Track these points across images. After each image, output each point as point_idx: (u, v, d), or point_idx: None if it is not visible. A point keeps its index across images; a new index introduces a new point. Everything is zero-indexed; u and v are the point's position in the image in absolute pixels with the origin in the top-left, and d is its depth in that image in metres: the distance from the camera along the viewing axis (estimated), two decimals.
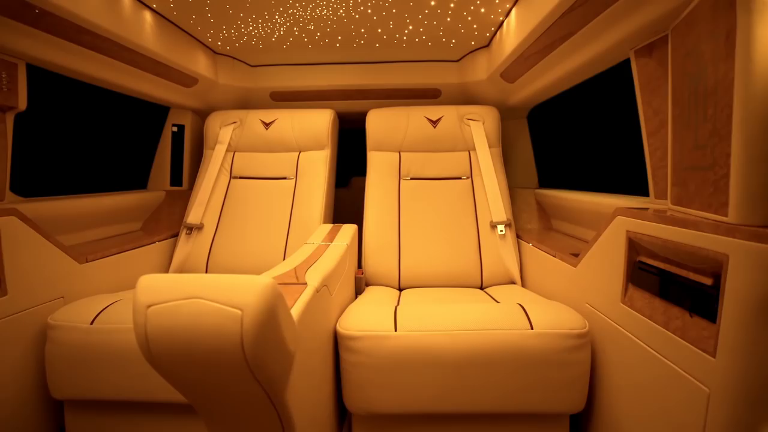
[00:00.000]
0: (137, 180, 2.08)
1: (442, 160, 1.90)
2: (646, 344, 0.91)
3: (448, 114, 1.94)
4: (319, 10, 1.52)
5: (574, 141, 2.12)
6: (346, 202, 2.68)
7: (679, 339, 0.80)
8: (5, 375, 1.10)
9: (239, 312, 0.52)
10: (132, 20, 1.37)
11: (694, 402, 0.76)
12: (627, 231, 1.00)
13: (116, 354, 1.11)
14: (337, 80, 2.06)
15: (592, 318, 1.12)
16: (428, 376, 1.06)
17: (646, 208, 1.04)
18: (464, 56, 1.99)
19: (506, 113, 2.09)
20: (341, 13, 1.54)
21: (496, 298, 1.46)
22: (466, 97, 2.12)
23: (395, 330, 1.07)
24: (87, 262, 1.36)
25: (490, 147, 1.88)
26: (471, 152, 1.91)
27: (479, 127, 1.90)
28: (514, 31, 1.46)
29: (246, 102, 2.18)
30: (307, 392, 0.83)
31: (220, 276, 0.55)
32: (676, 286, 0.85)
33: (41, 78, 1.38)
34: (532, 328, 1.07)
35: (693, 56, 0.85)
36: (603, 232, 1.11)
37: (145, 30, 1.44)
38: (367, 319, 1.11)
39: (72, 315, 1.16)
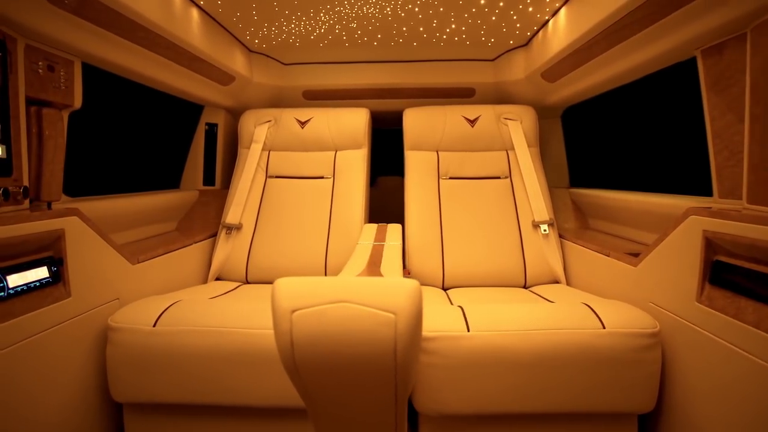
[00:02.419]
0: (170, 179, 2.06)
1: (480, 160, 1.90)
2: (730, 344, 0.91)
3: (486, 113, 1.93)
4: (366, 8, 1.51)
5: (605, 140, 2.13)
6: (373, 202, 2.67)
7: None
8: (68, 378, 1.08)
9: (393, 316, 0.51)
10: (181, 17, 1.35)
11: None
12: (704, 230, 1.00)
13: (179, 356, 1.10)
14: (370, 79, 2.05)
15: (659, 317, 1.12)
16: (500, 377, 1.06)
17: (709, 207, 1.04)
18: (500, 55, 1.99)
19: (540, 112, 2.09)
20: (387, 11, 1.53)
21: (548, 298, 1.46)
22: (500, 97, 2.11)
23: (468, 330, 1.07)
24: (139, 263, 1.34)
25: (528, 146, 1.88)
26: (509, 151, 1.90)
27: (517, 127, 1.90)
28: (563, 31, 1.46)
29: (278, 100, 2.16)
30: None
31: (365, 279, 0.54)
32: None
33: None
34: (604, 328, 1.07)
35: None
36: (671, 231, 1.11)
37: (192, 27, 1.42)
38: (437, 319, 1.10)
39: (132, 317, 1.14)
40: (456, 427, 1.13)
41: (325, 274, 1.74)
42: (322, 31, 1.71)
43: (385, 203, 2.59)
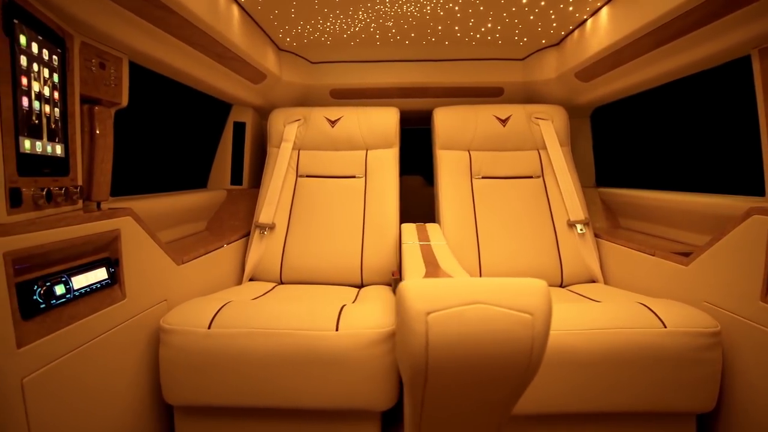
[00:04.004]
0: (197, 179, 2.03)
1: (512, 159, 1.89)
2: None
3: (516, 113, 1.93)
4: (406, 7, 1.50)
5: (631, 139, 2.14)
6: None
7: None
8: (123, 380, 1.06)
9: (530, 317, 0.51)
10: (224, 14, 1.33)
11: None
12: None
13: (235, 358, 1.08)
14: (399, 78, 2.04)
15: (717, 316, 1.12)
16: (561, 376, 1.06)
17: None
18: (530, 55, 1.98)
19: (569, 112, 2.09)
20: (427, 10, 1.51)
21: (592, 297, 1.46)
22: (529, 96, 2.11)
23: None
24: (183, 263, 1.32)
25: (560, 146, 1.88)
26: (540, 151, 1.90)
27: (549, 126, 1.90)
28: (605, 30, 1.46)
29: (305, 99, 2.15)
30: None
31: (498, 280, 0.54)
32: None
33: None
34: (665, 327, 1.07)
35: None
36: (730, 231, 1.11)
37: (232, 24, 1.40)
38: None
39: (185, 318, 1.13)
40: (517, 427, 1.12)
41: (361, 274, 1.72)
42: (357, 29, 1.69)
43: (408, 202, 2.58)
